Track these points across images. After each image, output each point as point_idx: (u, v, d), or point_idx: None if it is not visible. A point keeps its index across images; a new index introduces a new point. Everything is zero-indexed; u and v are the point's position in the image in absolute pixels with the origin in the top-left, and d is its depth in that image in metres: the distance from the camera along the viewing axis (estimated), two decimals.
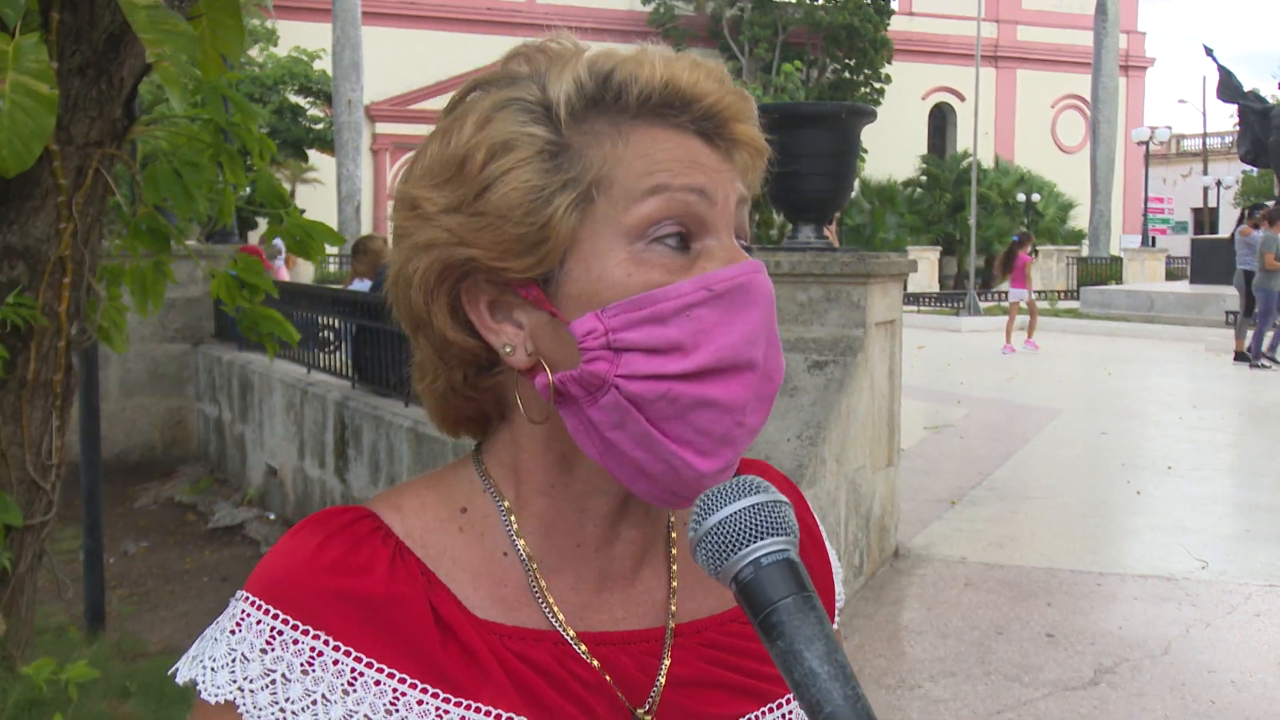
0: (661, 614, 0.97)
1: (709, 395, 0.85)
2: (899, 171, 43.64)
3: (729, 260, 0.88)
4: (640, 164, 0.87)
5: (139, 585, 8.11)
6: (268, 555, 0.91)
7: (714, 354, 0.85)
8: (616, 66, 0.89)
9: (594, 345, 0.85)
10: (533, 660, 0.89)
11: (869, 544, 6.28)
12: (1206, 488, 8.79)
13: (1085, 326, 22.68)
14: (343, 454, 8.20)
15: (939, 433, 11.13)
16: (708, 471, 0.87)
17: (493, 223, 0.87)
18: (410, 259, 0.90)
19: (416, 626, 0.88)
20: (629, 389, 0.85)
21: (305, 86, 33.71)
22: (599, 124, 0.88)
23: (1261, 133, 24.91)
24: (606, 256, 0.86)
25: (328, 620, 0.87)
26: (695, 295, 0.85)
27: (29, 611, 3.79)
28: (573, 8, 43.81)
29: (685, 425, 0.85)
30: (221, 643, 0.88)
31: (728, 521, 0.84)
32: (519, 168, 0.86)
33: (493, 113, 0.88)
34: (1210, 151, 53.82)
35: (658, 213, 0.86)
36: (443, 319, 0.91)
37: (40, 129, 2.94)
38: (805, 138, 6.19)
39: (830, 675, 0.78)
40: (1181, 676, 5.09)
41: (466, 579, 0.91)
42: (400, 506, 0.94)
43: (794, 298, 5.98)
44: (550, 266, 0.87)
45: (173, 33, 2.93)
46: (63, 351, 3.51)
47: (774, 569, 0.82)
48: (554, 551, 0.93)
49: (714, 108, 0.89)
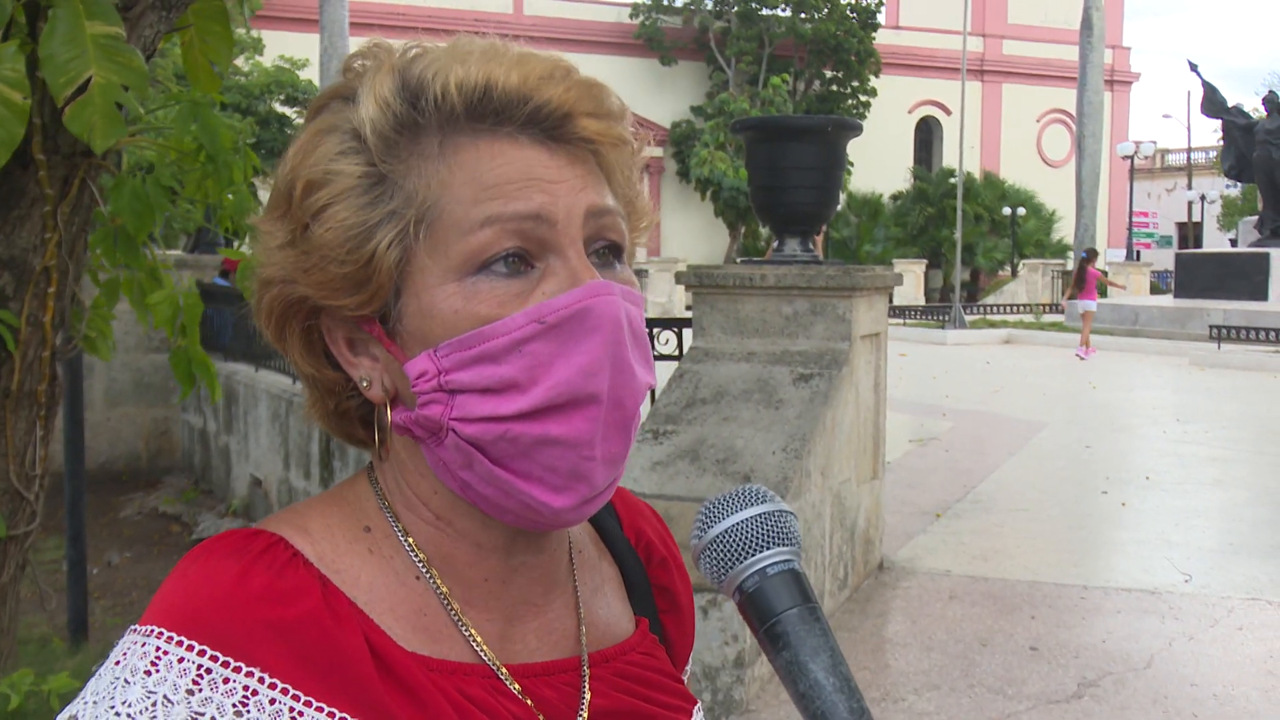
0: (573, 644, 0.94)
1: (550, 434, 0.81)
2: (885, 185, 43.79)
3: (572, 281, 0.82)
4: (467, 191, 0.81)
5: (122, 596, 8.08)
6: (175, 584, 0.81)
7: (550, 391, 0.80)
8: (430, 77, 0.82)
9: (426, 388, 0.81)
10: (470, 695, 0.85)
11: (854, 557, 6.28)
12: (1190, 501, 8.82)
13: (1070, 340, 22.75)
14: (328, 465, 8.18)
15: (924, 445, 11.15)
16: (561, 508, 0.83)
17: (318, 261, 0.82)
18: (260, 293, 0.87)
19: (354, 661, 0.81)
20: (466, 431, 0.81)
21: (291, 96, 33.66)
22: (420, 144, 0.82)
23: (1245, 148, 25.09)
24: (436, 291, 0.81)
25: (261, 656, 0.78)
26: (526, 329, 0.80)
27: (11, 622, 3.77)
28: (560, 20, 43.94)
29: (531, 463, 0.82)
30: (135, 685, 0.77)
31: (733, 531, 0.84)
32: (335, 203, 0.82)
33: (311, 141, 0.84)
34: (1194, 166, 54.12)
35: (487, 245, 0.80)
36: (296, 352, 0.88)
37: (9, 137, 2.92)
38: (791, 151, 6.21)
39: (835, 688, 0.78)
40: (1164, 690, 5.11)
41: (385, 608, 0.85)
42: (306, 528, 0.87)
43: (779, 310, 5.99)
44: (383, 303, 0.83)
45: (126, 67, 2.94)
46: (47, 361, 3.50)
47: (779, 579, 0.82)
48: (462, 584, 0.88)
49: (545, 107, 0.82)
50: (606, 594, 1.00)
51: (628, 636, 0.98)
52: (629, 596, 1.02)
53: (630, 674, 0.95)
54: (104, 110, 2.90)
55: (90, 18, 2.94)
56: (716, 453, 5.43)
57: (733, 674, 4.83)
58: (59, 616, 6.33)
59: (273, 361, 10.02)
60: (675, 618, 1.06)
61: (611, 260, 0.87)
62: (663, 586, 1.05)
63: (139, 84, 2.98)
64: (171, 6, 3.37)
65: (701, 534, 0.85)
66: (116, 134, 2.93)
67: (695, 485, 5.25)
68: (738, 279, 6.02)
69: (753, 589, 0.82)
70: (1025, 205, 42.63)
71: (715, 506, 0.85)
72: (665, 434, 5.57)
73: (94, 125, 2.90)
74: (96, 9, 2.97)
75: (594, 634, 0.96)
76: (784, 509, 0.85)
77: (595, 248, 0.86)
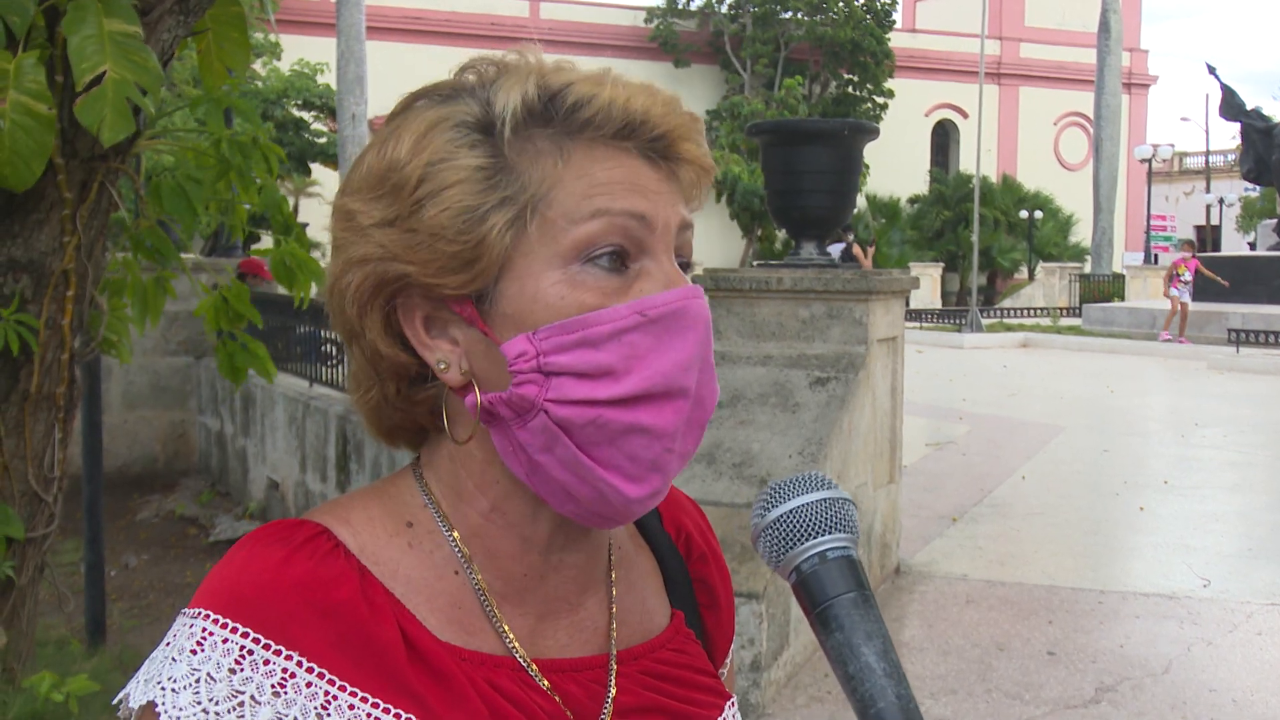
0: (603, 641, 0.96)
1: (640, 421, 0.84)
2: (902, 188, 43.67)
3: (666, 284, 0.86)
4: (579, 185, 0.85)
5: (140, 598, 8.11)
6: (222, 570, 0.86)
7: (646, 380, 0.84)
8: (571, 85, 0.87)
9: (524, 368, 0.84)
10: (499, 686, 0.88)
11: (870, 561, 6.27)
12: (1208, 505, 8.78)
13: (1087, 344, 22.66)
14: (344, 468, 8.20)
15: (941, 449, 11.12)
16: (635, 497, 0.86)
17: (426, 240, 0.85)
18: (345, 272, 0.89)
19: (388, 648, 0.85)
20: (558, 414, 0.84)
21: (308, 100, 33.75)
22: (542, 141, 0.86)
23: (1264, 151, 24.99)
24: (541, 277, 0.85)
25: (300, 639, 0.83)
26: (629, 320, 0.84)
27: (30, 624, 3.78)
28: (575, 24, 43.94)
29: (615, 451, 0.84)
30: (181, 663, 0.82)
31: (795, 514, 0.86)
32: (452, 188, 0.85)
33: (429, 129, 0.87)
34: (1213, 169, 53.90)
35: (595, 237, 0.85)
36: (376, 332, 0.90)
37: (41, 147, 2.96)
38: (808, 154, 6.20)
39: (885, 673, 0.81)
40: (1183, 695, 5.08)
41: (422, 600, 0.89)
42: (349, 520, 0.91)
43: (796, 314, 5.98)
44: (485, 284, 0.86)
45: (140, 66, 2.95)
46: (66, 364, 3.51)
47: (837, 564, 0.85)
48: (501, 578, 0.91)
49: (657, 129, 0.88)
50: (643, 590, 1.02)
51: (660, 632, 1.00)
52: (668, 591, 1.04)
53: (658, 671, 0.97)
54: (114, 104, 2.92)
55: (109, 15, 2.96)
56: (733, 456, 5.42)
57: (749, 677, 4.82)
58: (77, 618, 6.36)
59: (290, 364, 10.04)
60: (714, 612, 1.08)
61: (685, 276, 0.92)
62: (702, 580, 1.07)
63: (153, 84, 2.99)
64: (190, 11, 3.38)
65: (764, 514, 0.87)
66: (125, 129, 2.94)
67: (712, 489, 5.24)
68: (754, 282, 6.01)
69: (810, 571, 0.84)
70: (1042, 209, 42.50)
71: (779, 489, 0.88)
72: None
73: (104, 118, 2.92)
74: (116, 7, 2.99)
75: (626, 631, 0.98)
76: (846, 497, 0.87)
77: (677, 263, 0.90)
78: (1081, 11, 49.45)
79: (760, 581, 4.84)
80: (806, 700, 5.00)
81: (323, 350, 9.18)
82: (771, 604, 4.91)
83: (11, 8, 2.95)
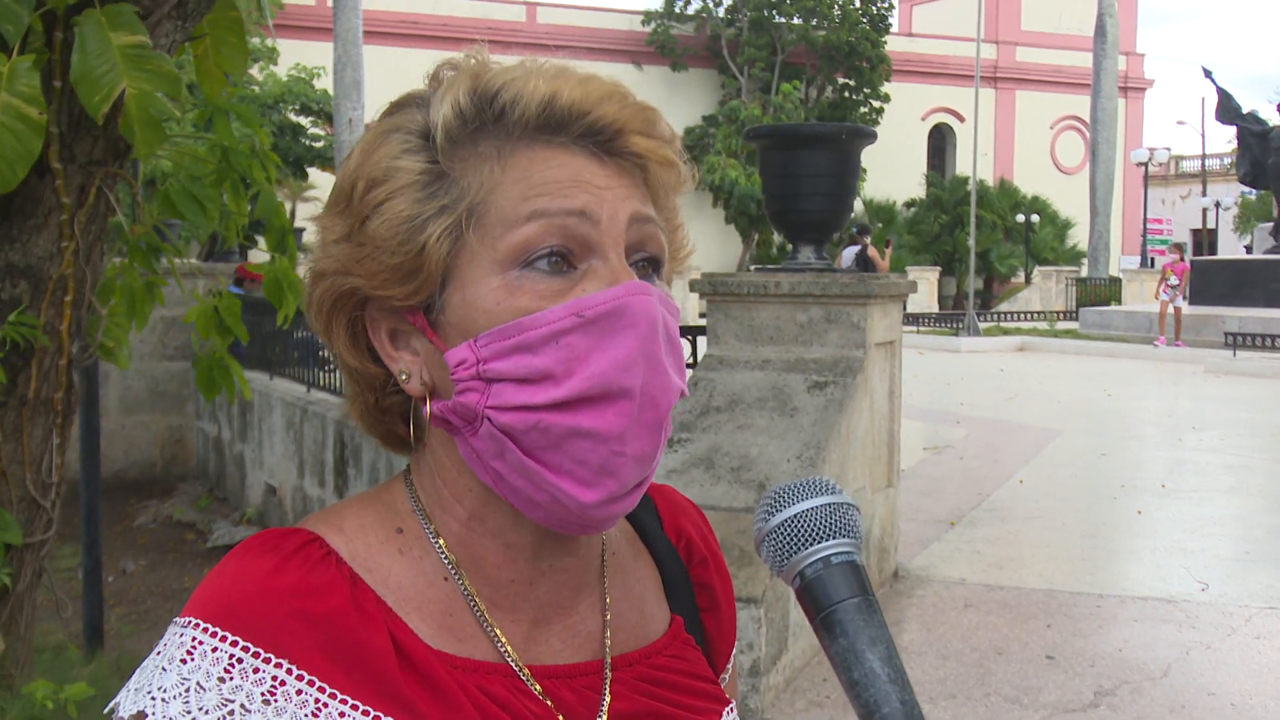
0: (597, 647, 0.95)
1: (581, 425, 0.83)
2: (899, 192, 43.71)
3: (612, 281, 0.85)
4: (517, 189, 0.85)
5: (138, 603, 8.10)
6: (213, 580, 0.86)
7: (585, 382, 0.82)
8: (502, 86, 0.87)
9: (465, 375, 0.84)
10: (491, 693, 0.87)
11: (868, 565, 6.27)
12: (1206, 509, 8.78)
13: (1084, 347, 22.68)
14: (342, 473, 8.20)
15: (939, 453, 11.13)
16: (590, 502, 0.85)
17: (371, 253, 0.86)
18: (313, 287, 0.91)
19: (379, 656, 0.84)
20: (500, 420, 0.83)
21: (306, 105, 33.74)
22: (482, 146, 0.86)
23: (1260, 154, 25.01)
24: (481, 284, 0.84)
25: (290, 648, 0.83)
26: (565, 322, 0.83)
27: (28, 630, 3.78)
28: (572, 28, 43.95)
29: (562, 456, 0.84)
30: (171, 673, 0.82)
31: (799, 519, 0.85)
32: (393, 198, 0.85)
33: (375, 141, 0.88)
34: (1209, 173, 53.94)
35: (532, 240, 0.84)
36: (342, 345, 0.91)
37: (27, 152, 2.95)
38: (805, 158, 6.21)
39: (889, 678, 0.80)
40: (1181, 699, 5.08)
41: (413, 607, 0.88)
42: (343, 527, 0.91)
43: (794, 318, 5.99)
44: (430, 294, 0.86)
45: (156, 74, 2.96)
46: (64, 369, 3.51)
47: (841, 569, 0.84)
48: (489, 584, 0.91)
49: (598, 123, 0.86)
50: (640, 596, 1.01)
51: (658, 638, 0.99)
52: (668, 596, 1.03)
53: (654, 677, 0.97)
54: (141, 118, 2.92)
55: (114, 28, 2.96)
56: (731, 460, 5.42)
57: (748, 682, 4.82)
58: (74, 624, 6.35)
59: (288, 369, 10.04)
60: (715, 616, 1.07)
61: (650, 274, 0.90)
62: (703, 584, 1.07)
63: (172, 89, 2.99)
64: (187, 16, 3.38)
65: (767, 519, 0.86)
66: (158, 139, 2.97)
67: (710, 493, 5.24)
68: (752, 287, 6.02)
69: (814, 576, 0.84)
70: (1039, 212, 42.57)
71: (783, 493, 0.87)
72: (680, 441, 5.56)
73: (135, 134, 2.93)
74: (120, 19, 2.99)
75: (621, 637, 0.97)
76: (849, 502, 0.87)
77: (635, 259, 0.88)
78: (1078, 15, 49.55)
79: (759, 586, 4.84)
80: (805, 705, 4.99)
81: (320, 355, 9.18)
82: (770, 609, 4.91)
83: (5, 15, 2.94)
